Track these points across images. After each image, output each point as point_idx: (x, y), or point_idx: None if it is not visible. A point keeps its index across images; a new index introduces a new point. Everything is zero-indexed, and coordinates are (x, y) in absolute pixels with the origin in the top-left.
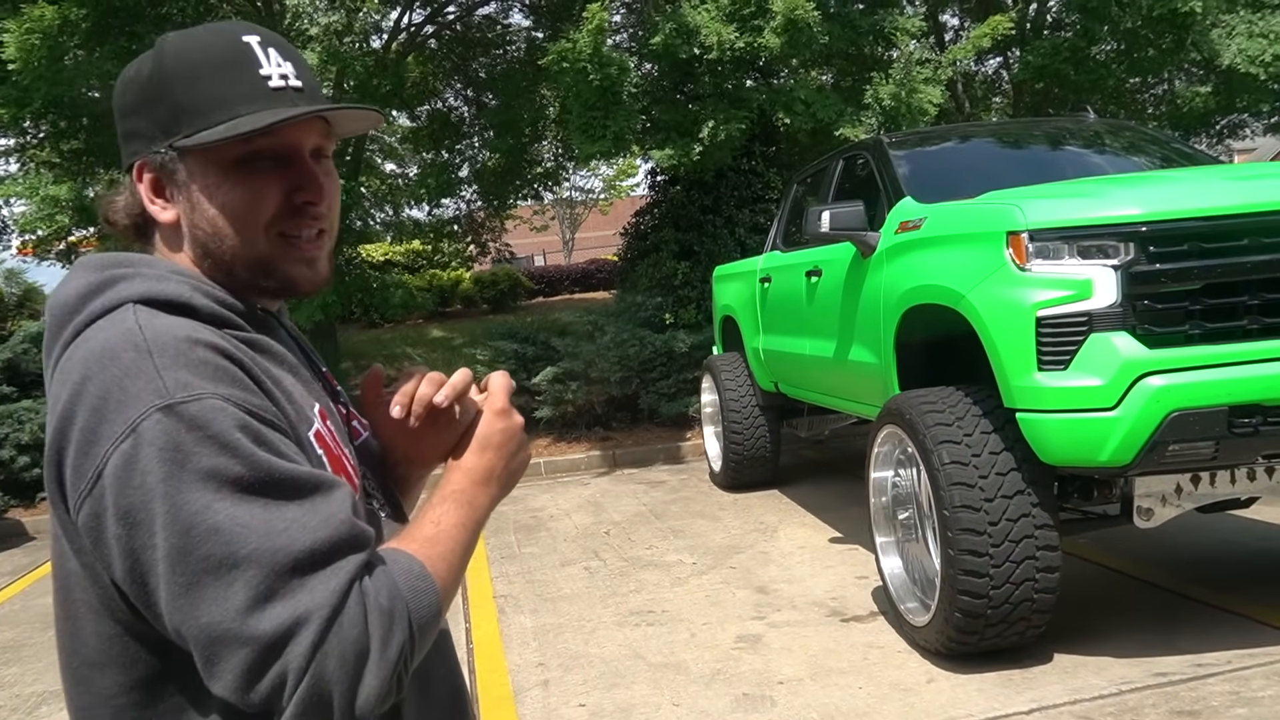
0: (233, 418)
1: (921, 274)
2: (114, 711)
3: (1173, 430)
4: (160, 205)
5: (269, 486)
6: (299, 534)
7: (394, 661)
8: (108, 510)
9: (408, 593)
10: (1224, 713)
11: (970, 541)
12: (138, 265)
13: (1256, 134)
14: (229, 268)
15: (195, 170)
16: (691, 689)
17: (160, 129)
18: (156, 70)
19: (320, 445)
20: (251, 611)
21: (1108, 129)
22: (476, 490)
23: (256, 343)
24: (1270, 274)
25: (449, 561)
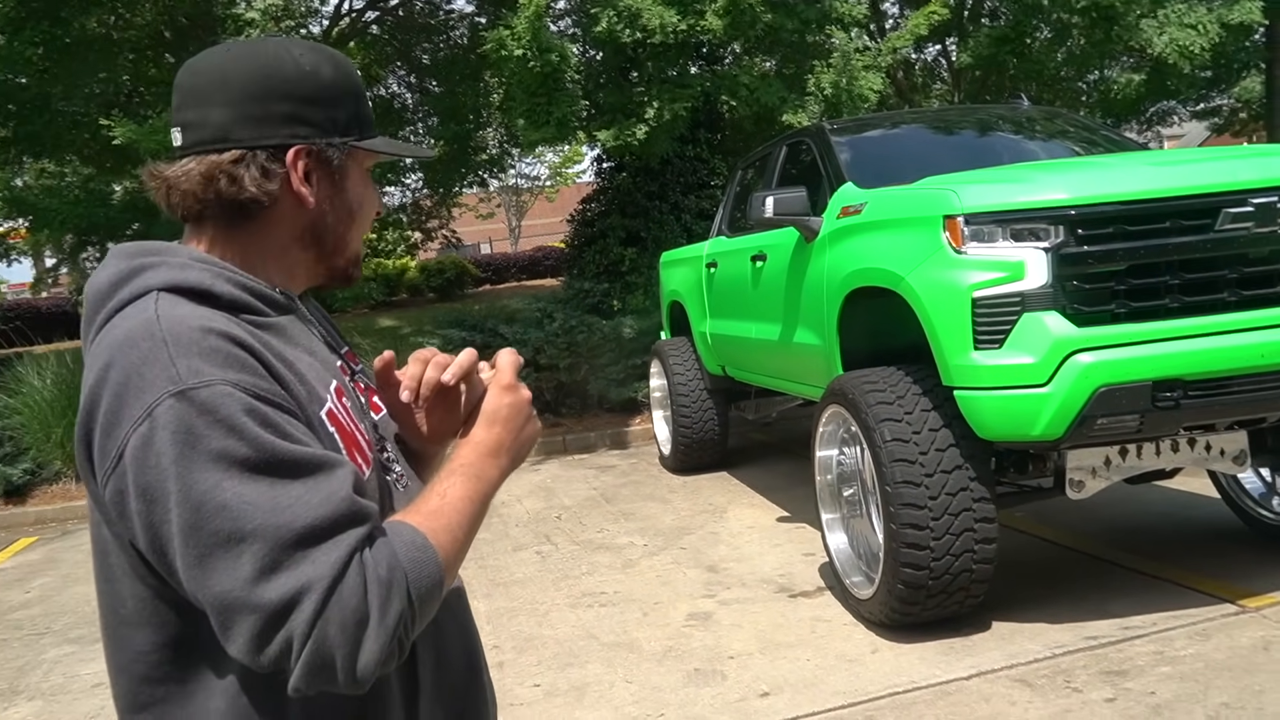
0: (240, 402)
1: (863, 257)
2: (148, 667)
3: (1100, 405)
4: (309, 189)
5: (273, 466)
6: (302, 510)
7: (392, 628)
8: (129, 487)
9: (407, 563)
10: (1149, 671)
11: (911, 515)
12: (163, 254)
13: (1184, 119)
14: (336, 252)
15: (350, 168)
16: (644, 666)
17: (336, 127)
18: (338, 76)
19: (332, 423)
20: (258, 582)
21: (1041, 116)
22: (485, 463)
23: (273, 326)
24: (1189, 255)
25: (453, 533)
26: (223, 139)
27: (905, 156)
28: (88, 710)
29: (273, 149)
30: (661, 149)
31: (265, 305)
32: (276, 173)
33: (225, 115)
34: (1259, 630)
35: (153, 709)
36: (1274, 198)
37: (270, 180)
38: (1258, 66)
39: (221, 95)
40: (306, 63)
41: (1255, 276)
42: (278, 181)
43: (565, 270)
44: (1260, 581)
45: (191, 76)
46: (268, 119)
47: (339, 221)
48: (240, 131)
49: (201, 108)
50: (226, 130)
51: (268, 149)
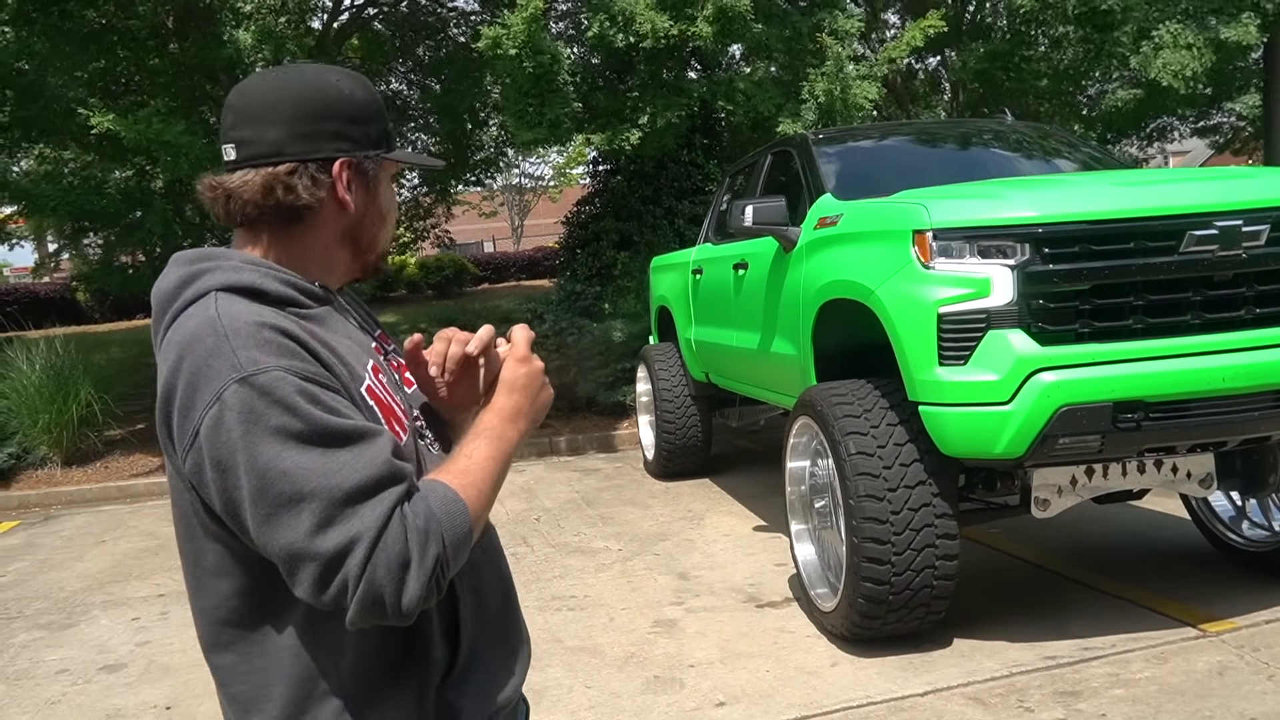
0: (293, 385)
1: (836, 269)
2: (228, 612)
3: (1062, 424)
4: (350, 196)
5: (324, 438)
6: (350, 473)
7: (430, 569)
8: (205, 461)
9: (441, 515)
10: (1103, 693)
11: (873, 529)
12: (218, 259)
13: (1185, 136)
14: (369, 251)
15: (380, 177)
16: (605, 672)
17: (371, 141)
18: (368, 97)
19: (371, 398)
20: (316, 534)
21: (1025, 131)
22: (505, 426)
23: (316, 316)
24: (1154, 276)
25: (479, 488)
26: (278, 153)
27: (885, 169)
28: (50, 696)
29: (321, 161)
30: (655, 152)
31: (307, 299)
32: (325, 182)
33: (280, 133)
34: (1216, 655)
35: (233, 647)
36: (1238, 221)
37: (320, 189)
38: (1255, 86)
39: (275, 115)
40: (345, 86)
41: (1219, 300)
42: (325, 190)
43: (558, 272)
44: (1223, 606)
45: (244, 99)
46: (317, 135)
47: (373, 223)
48: (293, 147)
49: (257, 126)
50: (281, 145)
51: (317, 161)
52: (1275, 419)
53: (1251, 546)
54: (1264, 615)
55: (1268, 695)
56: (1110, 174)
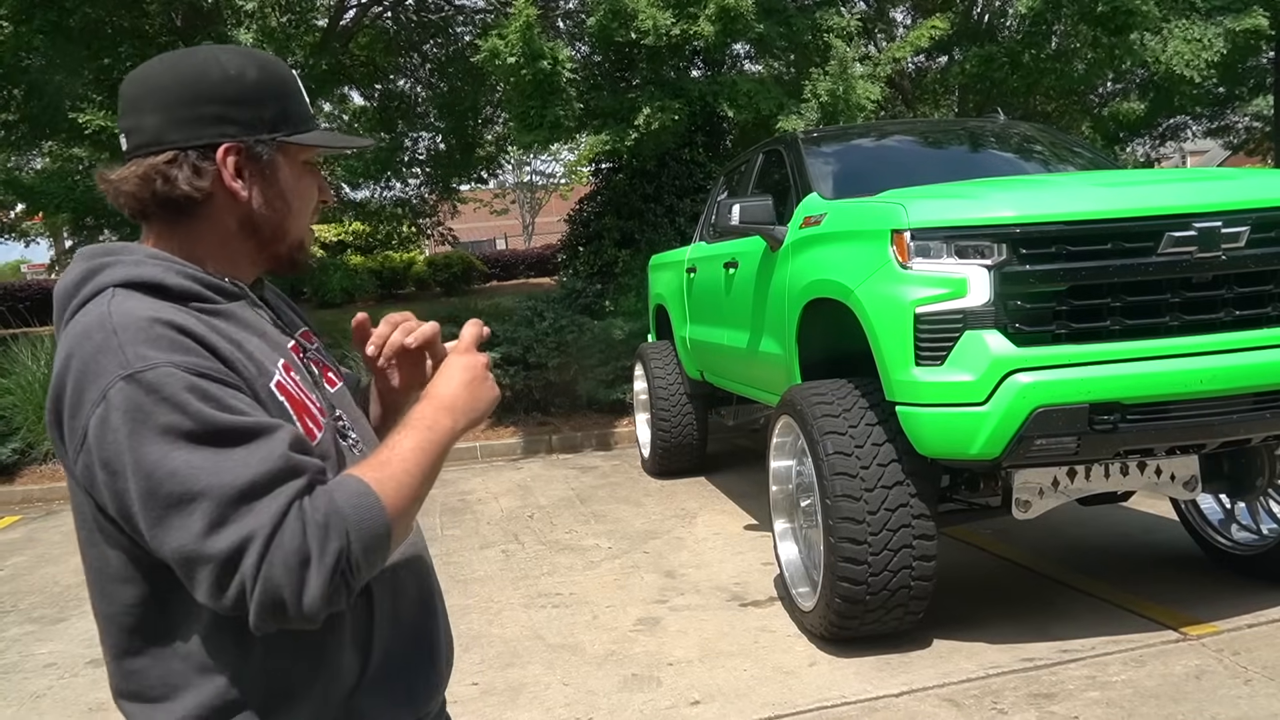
0: (182, 380)
1: (819, 269)
2: (133, 619)
3: (1038, 425)
4: (240, 184)
5: (214, 435)
6: (243, 470)
7: (331, 566)
8: (95, 463)
9: (348, 509)
10: (1078, 695)
11: (850, 530)
12: (120, 254)
13: (1198, 136)
14: (277, 242)
15: (282, 163)
16: (583, 669)
17: (265, 124)
18: (265, 77)
19: (282, 393)
20: (208, 535)
21: (1015, 130)
22: (436, 415)
23: (223, 312)
24: (1132, 277)
25: (399, 481)
26: (157, 141)
27: (873, 168)
28: (35, 689)
29: (202, 148)
30: (654, 152)
31: (215, 293)
32: (208, 170)
33: (158, 120)
34: (1195, 659)
35: (140, 655)
36: (1217, 222)
37: (202, 178)
38: (1268, 86)
39: (154, 101)
40: (232, 67)
41: (1197, 301)
42: (209, 179)
43: (560, 269)
44: (1206, 609)
45: (130, 86)
46: (197, 121)
47: (274, 212)
48: (172, 134)
49: (139, 114)
50: (160, 133)
51: (198, 149)
52: (1254, 421)
53: (1239, 550)
54: (1246, 619)
55: (1242, 700)
56: (1092, 174)
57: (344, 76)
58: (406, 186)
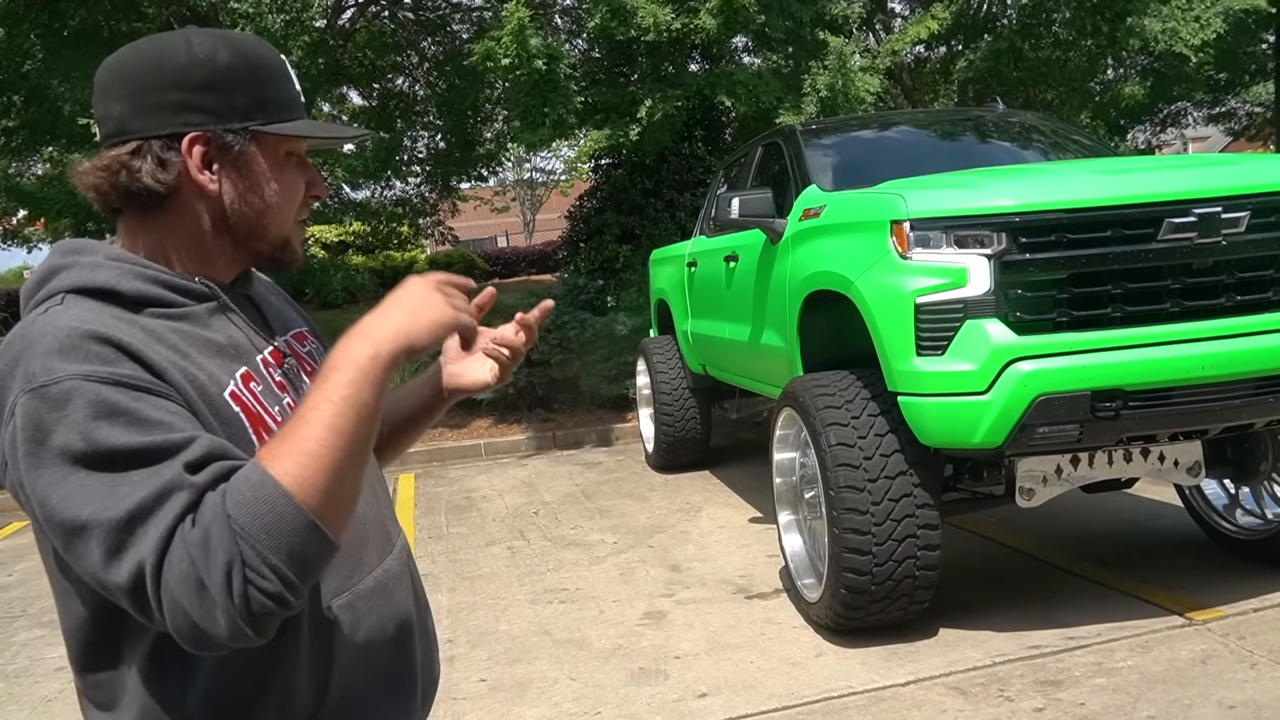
0: (89, 394)
1: (819, 260)
2: (88, 633)
3: (1040, 414)
4: (208, 177)
5: (110, 457)
6: (133, 491)
7: (222, 581)
8: (11, 482)
9: (236, 510)
10: (1084, 682)
11: (854, 520)
12: (80, 254)
13: (1199, 123)
14: (255, 240)
15: (257, 154)
16: (591, 664)
17: (236, 112)
18: (237, 61)
19: (236, 403)
20: (109, 566)
21: (1014, 120)
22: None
23: (189, 316)
24: (1132, 264)
25: (306, 450)
26: (121, 131)
27: (872, 160)
28: (46, 693)
29: (167, 138)
30: (654, 147)
31: (181, 296)
32: (173, 162)
33: (122, 108)
34: (1200, 644)
35: (98, 671)
36: (1217, 208)
37: (166, 170)
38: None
39: (119, 89)
40: (201, 50)
41: (1197, 287)
42: (175, 171)
43: (562, 266)
44: (1211, 594)
45: (101, 72)
46: (161, 108)
47: (249, 207)
48: (135, 123)
49: (106, 103)
50: (123, 123)
51: (162, 138)
52: (1256, 406)
53: (1245, 534)
54: (1252, 603)
55: (1248, 684)
56: (1091, 162)
57: (342, 76)
58: (407, 185)
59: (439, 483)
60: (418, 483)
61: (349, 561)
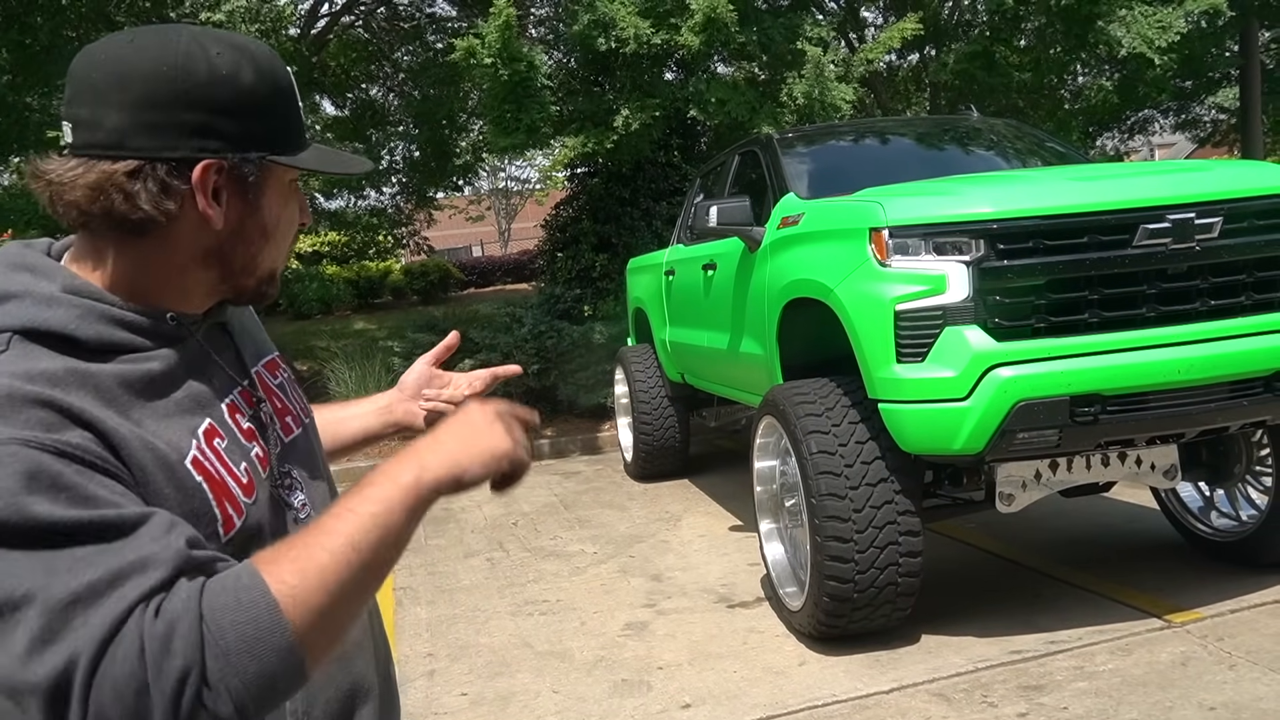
0: (26, 462)
1: (798, 268)
2: None
3: (1020, 419)
4: (217, 210)
5: (47, 533)
6: (80, 571)
7: (170, 692)
8: None
9: (211, 612)
10: (1066, 686)
11: (835, 528)
12: (35, 274)
13: (1165, 130)
14: (245, 274)
15: (264, 185)
16: (573, 676)
17: (255, 140)
18: (260, 81)
19: (199, 472)
20: (30, 657)
21: (989, 127)
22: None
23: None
24: (1108, 270)
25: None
26: (118, 145)
27: (849, 167)
28: None
29: (175, 162)
30: (631, 156)
31: (147, 338)
32: (179, 189)
33: (123, 119)
34: (1180, 646)
35: None
36: (1191, 214)
37: (170, 198)
38: (1229, 77)
39: (119, 95)
40: (224, 64)
41: (1173, 292)
42: (179, 200)
43: (538, 275)
44: (1189, 596)
45: (88, 64)
46: (172, 128)
47: (249, 243)
48: (138, 140)
49: (96, 105)
50: (123, 137)
51: (169, 162)
52: (1231, 410)
53: (1220, 537)
54: (1229, 605)
55: (1228, 685)
56: (1067, 169)
57: (315, 85)
58: (381, 195)
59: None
60: None
61: None
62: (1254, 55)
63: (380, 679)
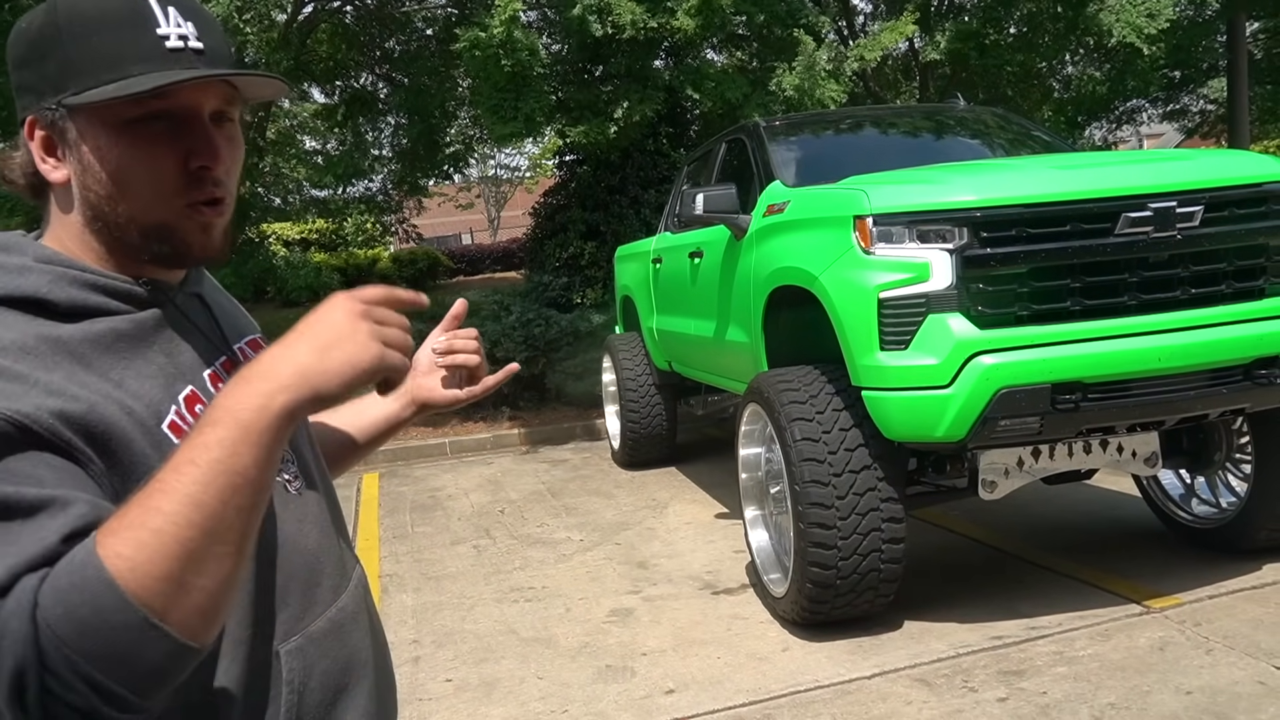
0: None
1: (783, 256)
2: None
3: (1001, 406)
4: (52, 164)
5: None
6: None
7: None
8: None
9: (47, 597)
10: (1045, 671)
11: (819, 515)
12: (6, 252)
13: (1153, 120)
14: (122, 231)
15: (85, 130)
16: (557, 662)
17: (50, 85)
18: (49, 23)
19: (177, 435)
20: None
21: (975, 116)
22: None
23: (115, 329)
24: (1090, 258)
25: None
26: None
27: (835, 155)
28: None
29: (22, 125)
30: (625, 141)
31: (121, 301)
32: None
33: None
34: (1159, 631)
35: None
36: (1172, 203)
37: (26, 158)
38: (1217, 68)
39: None
40: (28, 18)
41: (1154, 280)
42: (30, 160)
43: (526, 263)
44: (1169, 582)
45: None
46: (16, 91)
47: (94, 195)
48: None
49: None
50: None
51: (21, 124)
52: (1211, 398)
53: (1200, 523)
54: (1207, 591)
55: (1204, 669)
56: (1050, 158)
57: (304, 73)
58: (371, 183)
59: (403, 482)
60: (382, 482)
61: (300, 601)
62: (1241, 46)
63: (376, 655)
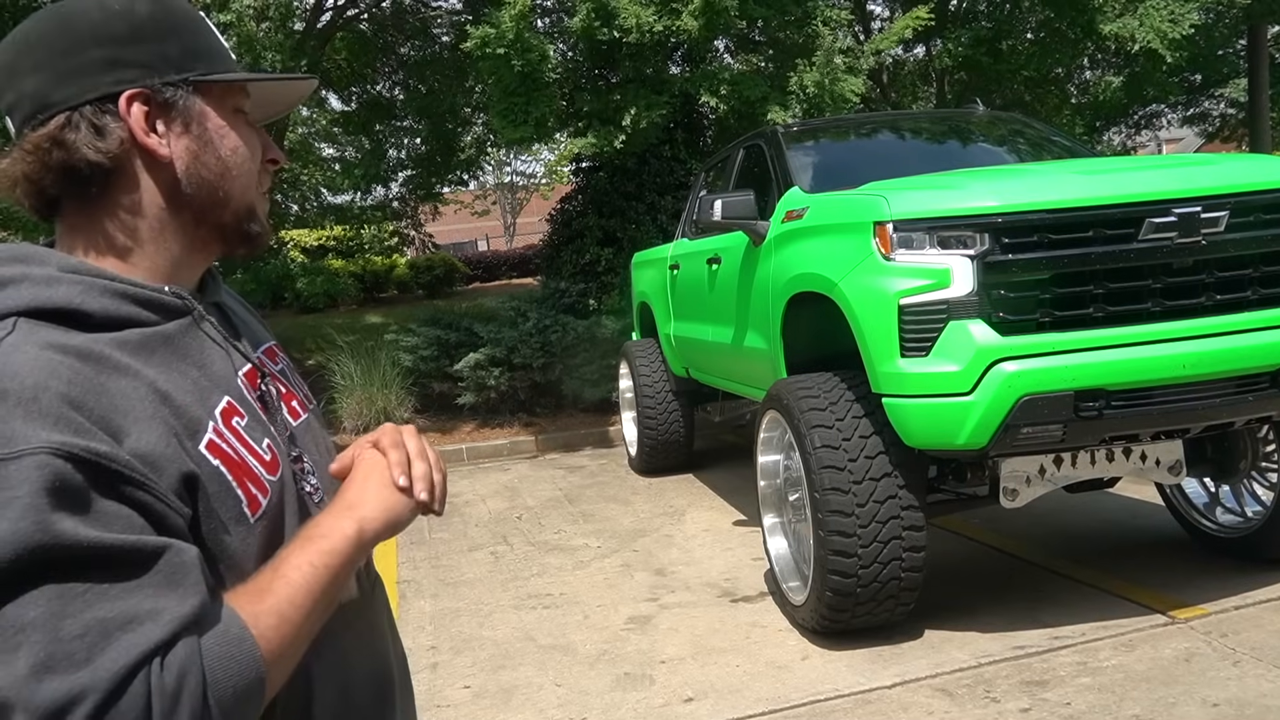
0: (50, 476)
1: (802, 262)
2: None
3: (1024, 414)
4: (157, 139)
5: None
6: (91, 602)
7: None
8: None
9: (214, 663)
10: (1069, 682)
11: (839, 523)
12: (30, 264)
13: (1173, 124)
14: (219, 212)
15: (208, 109)
16: (576, 669)
17: (171, 64)
18: (161, 10)
19: (216, 455)
20: (31, 680)
21: (995, 121)
22: (336, 520)
23: (160, 337)
24: (1113, 264)
25: (282, 613)
26: (44, 107)
27: (854, 161)
28: None
29: (98, 101)
30: (639, 147)
31: (153, 312)
32: (111, 129)
33: (39, 81)
34: (1184, 642)
35: None
36: (1197, 208)
37: (105, 138)
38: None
39: (28, 61)
40: (116, 2)
41: (1178, 287)
42: (116, 139)
43: (542, 270)
44: (1193, 592)
45: (1, 54)
46: (85, 70)
47: (208, 170)
48: (59, 94)
49: (15, 83)
50: (44, 96)
51: (93, 103)
52: (1236, 405)
53: (1225, 532)
54: (1233, 601)
55: (1232, 681)
56: (1072, 163)
57: (321, 81)
58: (389, 190)
59: None
60: None
61: None
62: (1263, 50)
63: (398, 668)
